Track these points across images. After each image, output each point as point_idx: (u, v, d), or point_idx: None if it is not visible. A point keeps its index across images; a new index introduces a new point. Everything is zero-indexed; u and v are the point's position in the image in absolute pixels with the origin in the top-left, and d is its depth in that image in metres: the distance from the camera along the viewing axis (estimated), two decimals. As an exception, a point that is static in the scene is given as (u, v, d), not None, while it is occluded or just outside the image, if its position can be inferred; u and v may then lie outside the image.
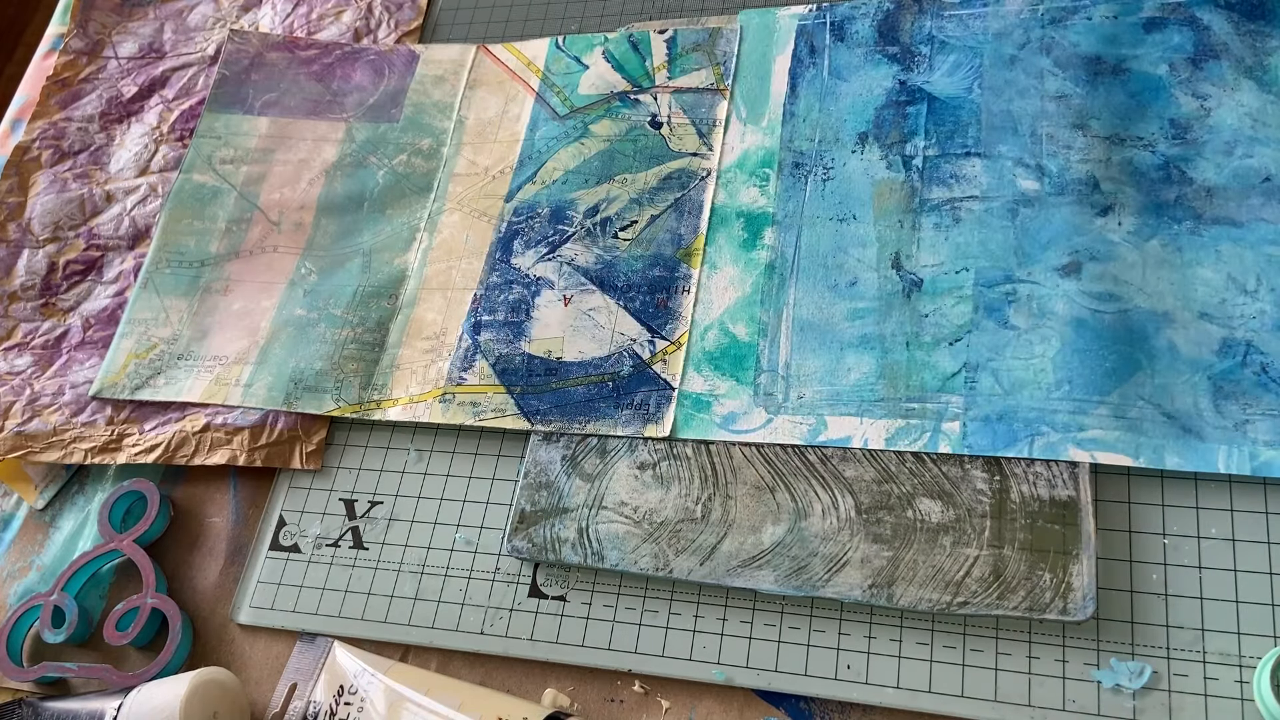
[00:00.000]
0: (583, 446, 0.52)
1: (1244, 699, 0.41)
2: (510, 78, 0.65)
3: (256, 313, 0.61)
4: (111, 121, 0.71)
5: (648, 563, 0.48)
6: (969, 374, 0.49)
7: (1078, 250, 0.50)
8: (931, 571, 0.45)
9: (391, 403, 0.56)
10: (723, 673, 0.46)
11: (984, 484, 0.46)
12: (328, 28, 0.72)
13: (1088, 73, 0.54)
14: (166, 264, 0.64)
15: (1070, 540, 0.44)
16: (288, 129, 0.67)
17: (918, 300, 0.51)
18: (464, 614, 0.50)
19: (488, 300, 0.58)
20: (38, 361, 0.62)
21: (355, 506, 0.55)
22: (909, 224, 0.53)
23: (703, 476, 0.50)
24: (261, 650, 0.52)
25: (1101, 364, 0.47)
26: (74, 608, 0.53)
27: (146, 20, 0.75)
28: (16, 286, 0.65)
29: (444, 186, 0.63)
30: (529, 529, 0.51)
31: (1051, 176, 0.52)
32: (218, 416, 0.58)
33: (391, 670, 0.48)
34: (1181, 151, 0.51)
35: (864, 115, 0.57)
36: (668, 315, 0.55)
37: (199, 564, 0.56)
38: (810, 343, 0.52)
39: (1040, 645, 0.44)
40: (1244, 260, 0.48)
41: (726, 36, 0.62)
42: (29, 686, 0.53)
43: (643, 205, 0.58)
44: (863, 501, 0.47)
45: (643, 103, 0.62)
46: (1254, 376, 0.45)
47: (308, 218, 0.64)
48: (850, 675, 0.45)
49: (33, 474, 0.60)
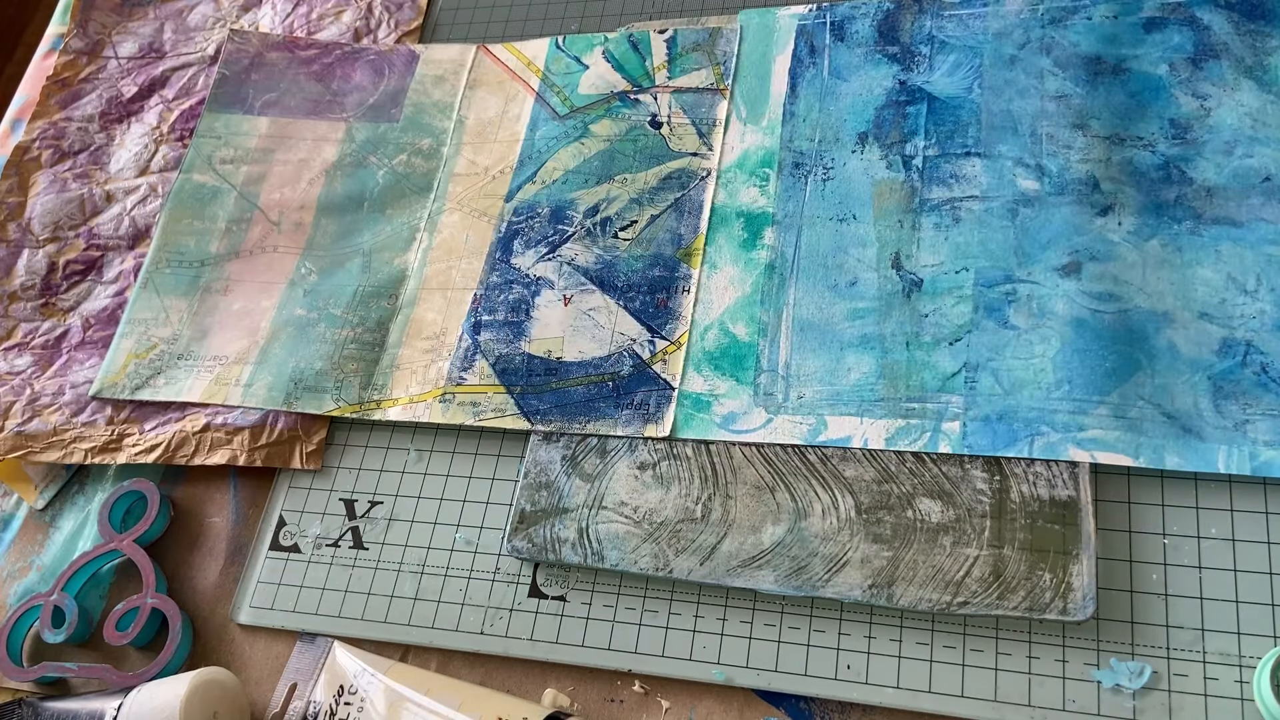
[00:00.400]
0: (583, 446, 0.52)
1: (1244, 699, 0.41)
2: (510, 78, 0.65)
3: (256, 313, 0.61)
4: (111, 121, 0.71)
5: (648, 563, 0.48)
6: (969, 374, 0.49)
7: (1078, 250, 0.50)
8: (931, 571, 0.45)
9: (391, 403, 0.56)
10: (723, 673, 0.46)
11: (984, 484, 0.46)
12: (328, 28, 0.72)
13: (1088, 73, 0.54)
14: (166, 264, 0.64)
15: (1070, 540, 0.44)
16: (288, 129, 0.67)
17: (918, 300, 0.51)
18: (464, 614, 0.50)
19: (488, 300, 0.58)
20: (38, 361, 0.62)
21: (355, 506, 0.55)
22: (909, 224, 0.53)
23: (703, 476, 0.50)
24: (261, 650, 0.52)
25: (1101, 364, 0.47)
26: (74, 608, 0.53)
27: (146, 20, 0.75)
28: (16, 286, 0.65)
29: (444, 186, 0.63)
30: (529, 529, 0.51)
31: (1051, 176, 0.52)
32: (218, 416, 0.58)
33: (391, 670, 0.48)
34: (1181, 151, 0.51)
35: (864, 115, 0.57)
36: (668, 315, 0.55)
37: (199, 564, 0.56)
38: (810, 343, 0.52)
39: (1040, 645, 0.44)
40: (1244, 260, 0.48)
41: (726, 36, 0.62)
42: (29, 686, 0.53)
43: (643, 205, 0.58)
44: (863, 501, 0.47)
45: (643, 103, 0.62)
46: (1254, 376, 0.45)
47: (308, 218, 0.64)
48: (850, 675, 0.45)
49: (33, 474, 0.60)
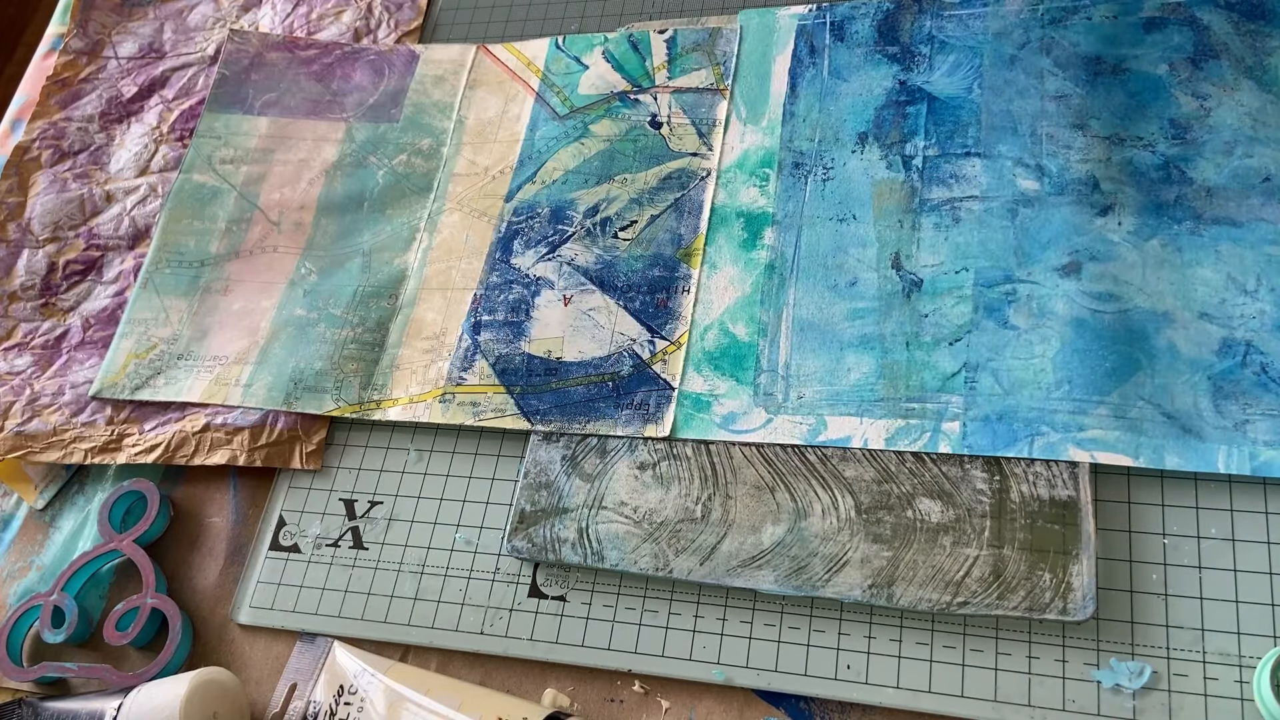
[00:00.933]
0: (583, 446, 0.52)
1: (1244, 699, 0.41)
2: (510, 78, 0.65)
3: (256, 313, 0.61)
4: (111, 121, 0.71)
5: (648, 563, 0.48)
6: (969, 374, 0.49)
7: (1078, 250, 0.50)
8: (931, 571, 0.45)
9: (391, 403, 0.56)
10: (723, 673, 0.46)
11: (984, 484, 0.46)
12: (328, 28, 0.72)
13: (1088, 73, 0.54)
14: (166, 264, 0.64)
15: (1070, 540, 0.44)
16: (288, 129, 0.67)
17: (918, 300, 0.51)
18: (464, 614, 0.50)
19: (488, 300, 0.58)
20: (38, 361, 0.62)
21: (355, 506, 0.55)
22: (909, 224, 0.53)
23: (703, 476, 0.50)
24: (261, 650, 0.52)
25: (1101, 364, 0.47)
26: (74, 608, 0.53)
27: (146, 20, 0.75)
28: (16, 286, 0.65)
29: (444, 186, 0.63)
30: (529, 529, 0.51)
31: (1051, 176, 0.52)
32: (218, 416, 0.58)
33: (391, 670, 0.48)
34: (1181, 151, 0.51)
35: (864, 115, 0.57)
36: (668, 315, 0.55)
37: (199, 564, 0.56)
38: (810, 343, 0.52)
39: (1040, 645, 0.44)
40: (1244, 260, 0.48)
41: (726, 36, 0.62)
42: (29, 686, 0.53)
43: (643, 205, 0.58)
44: (863, 501, 0.47)
45: (643, 103, 0.62)
46: (1254, 376, 0.45)
47: (308, 218, 0.64)
48: (850, 675, 0.45)
49: (33, 474, 0.60)
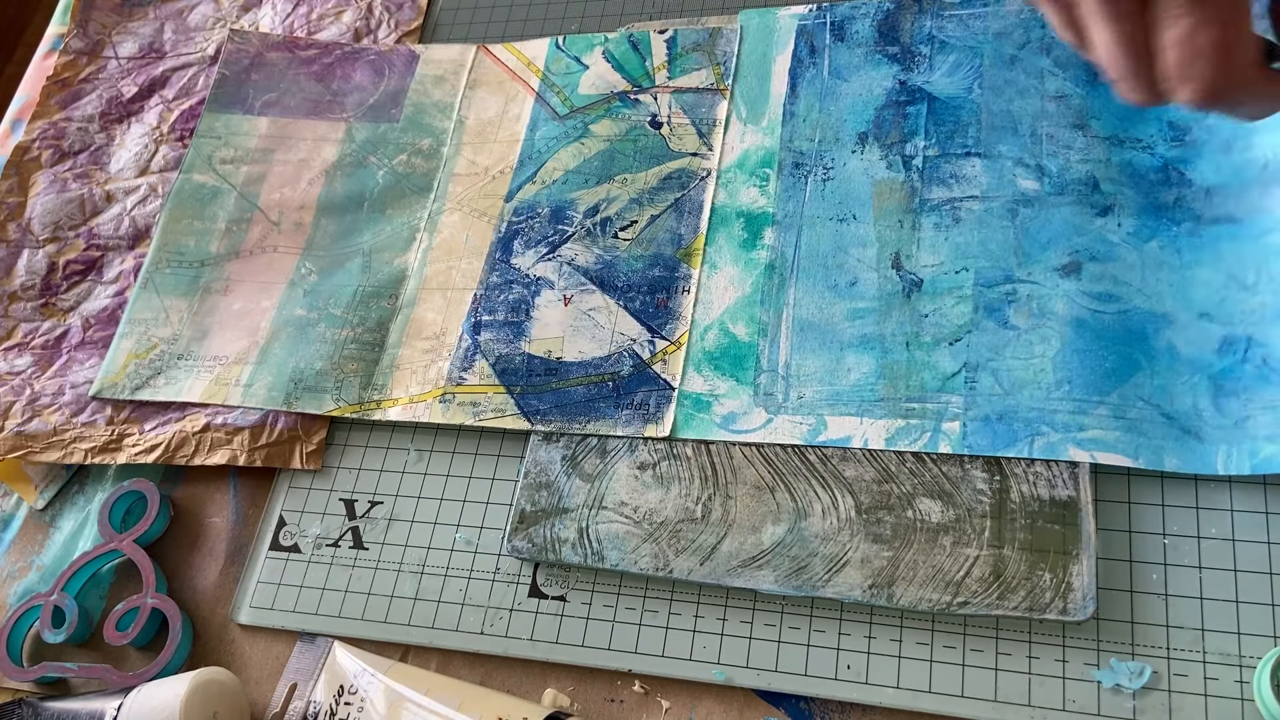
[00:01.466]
0: (583, 446, 0.52)
1: (1244, 699, 0.41)
2: (510, 78, 0.65)
3: (256, 313, 0.61)
4: (111, 121, 0.71)
5: (648, 563, 0.48)
6: (969, 374, 0.49)
7: (1078, 250, 0.50)
8: (931, 571, 0.45)
9: (391, 403, 0.56)
10: (723, 673, 0.46)
11: (984, 484, 0.46)
12: (328, 28, 0.72)
13: (1088, 73, 0.54)
14: (166, 264, 0.64)
15: (1070, 540, 0.44)
16: (288, 129, 0.67)
17: (918, 300, 0.51)
18: (464, 614, 0.50)
19: (488, 300, 0.58)
20: (38, 361, 0.62)
21: (355, 506, 0.55)
22: (909, 224, 0.53)
23: (703, 476, 0.50)
24: (261, 650, 0.52)
25: (1101, 364, 0.47)
26: (74, 608, 0.53)
27: (146, 20, 0.75)
28: (16, 286, 0.65)
29: (444, 186, 0.63)
30: (529, 529, 0.51)
31: (1051, 176, 0.52)
32: (218, 416, 0.58)
33: (391, 670, 0.48)
34: (1180, 153, 0.51)
35: (864, 115, 0.57)
36: (668, 315, 0.55)
37: (199, 564, 0.56)
38: (810, 343, 0.52)
39: (1040, 645, 0.44)
40: (1243, 256, 0.48)
41: (726, 36, 0.62)
42: (29, 686, 0.53)
43: (643, 205, 0.58)
44: (863, 501, 0.47)
45: (643, 103, 0.62)
46: (1255, 370, 0.45)
47: (308, 218, 0.64)
48: (850, 675, 0.45)
49: (33, 474, 0.60)
